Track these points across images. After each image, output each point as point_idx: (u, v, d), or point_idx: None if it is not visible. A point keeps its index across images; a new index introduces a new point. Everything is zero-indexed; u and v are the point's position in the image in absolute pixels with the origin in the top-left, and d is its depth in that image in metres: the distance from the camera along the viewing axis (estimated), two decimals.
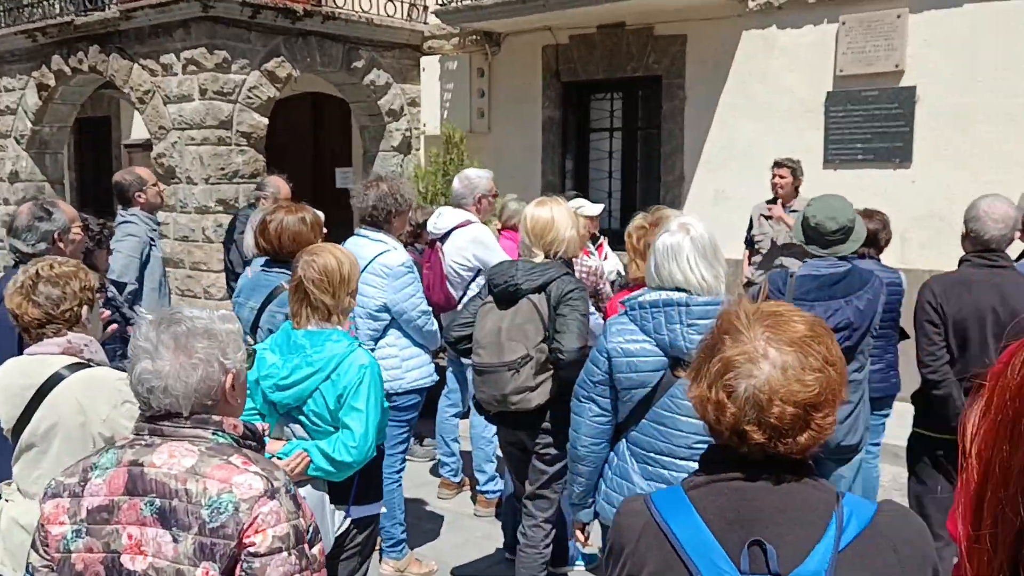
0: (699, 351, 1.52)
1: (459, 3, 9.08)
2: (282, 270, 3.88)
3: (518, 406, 3.67)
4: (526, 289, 3.71)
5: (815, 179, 7.22)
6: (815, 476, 1.43)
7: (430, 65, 10.08)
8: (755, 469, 1.42)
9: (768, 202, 7.02)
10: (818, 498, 1.40)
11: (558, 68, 9.27)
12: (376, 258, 4.36)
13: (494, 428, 5.43)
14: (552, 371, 3.70)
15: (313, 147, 11.96)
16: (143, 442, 1.82)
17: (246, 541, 1.69)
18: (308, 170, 11.45)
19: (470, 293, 5.37)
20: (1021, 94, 6.83)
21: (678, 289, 2.87)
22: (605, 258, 6.85)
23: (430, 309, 4.66)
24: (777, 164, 6.79)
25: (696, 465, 2.77)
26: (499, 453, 5.54)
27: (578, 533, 3.14)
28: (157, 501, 1.73)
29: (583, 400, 2.93)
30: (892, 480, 5.74)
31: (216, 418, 1.84)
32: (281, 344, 3.14)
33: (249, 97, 8.74)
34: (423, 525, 5.29)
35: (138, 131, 12.66)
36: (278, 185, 6.36)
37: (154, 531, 1.73)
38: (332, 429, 3.12)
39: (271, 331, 3.74)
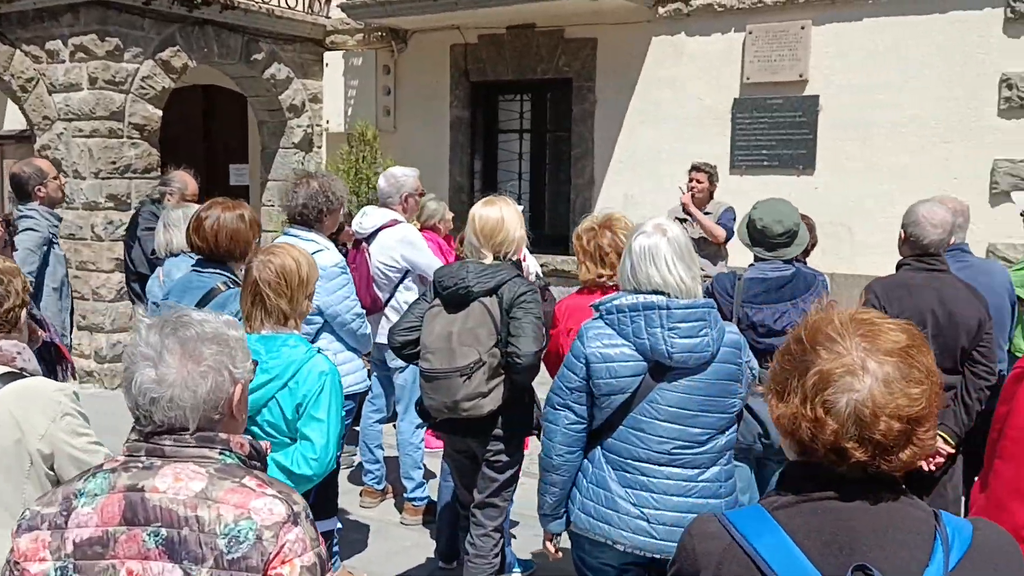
0: (781, 364, 1.43)
1: None
2: (216, 270, 3.64)
3: (470, 413, 3.56)
4: (477, 292, 3.60)
5: (721, 184, 7.34)
6: (910, 494, 1.37)
7: (333, 60, 9.80)
8: (851, 488, 1.34)
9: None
10: (917, 517, 1.34)
11: (467, 67, 9.17)
12: None
13: (422, 433, 5.31)
14: (503, 376, 3.61)
15: (204, 141, 11.45)
16: (140, 463, 1.62)
17: (272, 573, 1.53)
18: (200, 165, 10.84)
19: (398, 296, 5.23)
20: (914, 107, 7.16)
21: (655, 292, 2.82)
22: (524, 259, 6.80)
23: (364, 312, 4.49)
24: (695, 168, 6.88)
25: (676, 471, 2.77)
26: (426, 460, 5.42)
27: (548, 544, 3.04)
28: (163, 531, 1.54)
29: (558, 408, 2.85)
30: None
31: (223, 436, 1.67)
32: None
33: (142, 87, 8.28)
34: (349, 535, 5.09)
35: (11, 122, 11.82)
36: (185, 180, 6.03)
37: (160, 565, 1.54)
38: (288, 440, 2.94)
39: None
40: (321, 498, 3.02)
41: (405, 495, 5.32)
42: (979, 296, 3.76)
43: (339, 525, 3.30)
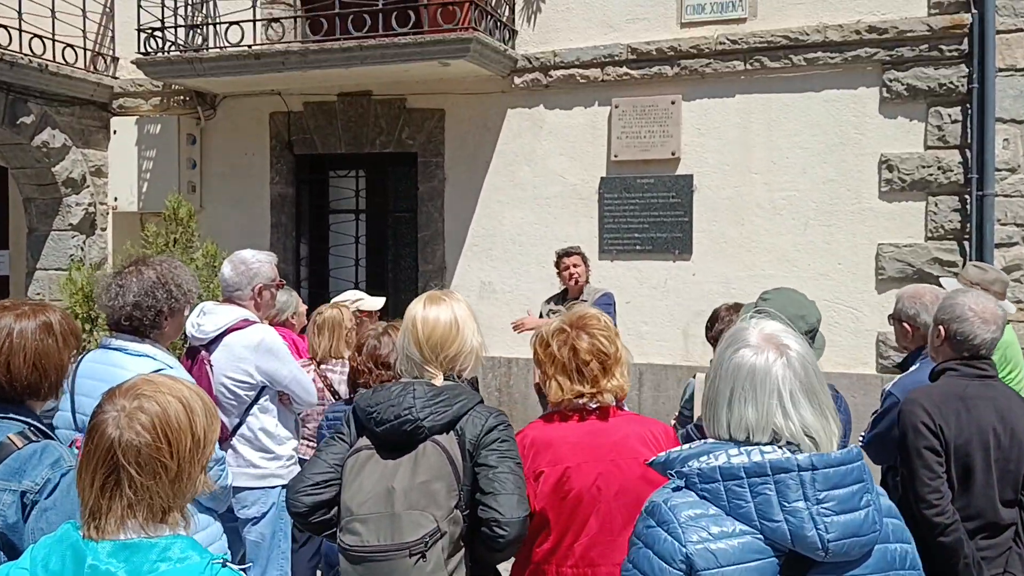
0: None
1: (167, 54, 7.49)
2: (8, 414, 2.24)
3: None
4: (429, 427, 2.45)
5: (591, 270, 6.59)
6: None
7: (123, 127, 8.24)
8: None
9: (555, 299, 6.25)
10: None
11: (290, 138, 7.95)
12: None
13: None
14: (463, 549, 2.46)
15: None
16: None
17: None
18: None
19: (251, 421, 3.91)
20: (787, 187, 6.76)
21: (770, 442, 1.81)
22: None
23: (223, 455, 3.18)
24: (567, 253, 6.07)
25: None
26: None
27: None
28: None
29: None
30: None
31: None
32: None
33: None
34: None
35: None
36: None
37: None
38: None
39: None
40: None
41: None
42: None
43: None
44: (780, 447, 1.79)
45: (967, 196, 6.25)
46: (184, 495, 1.68)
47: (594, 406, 2.71)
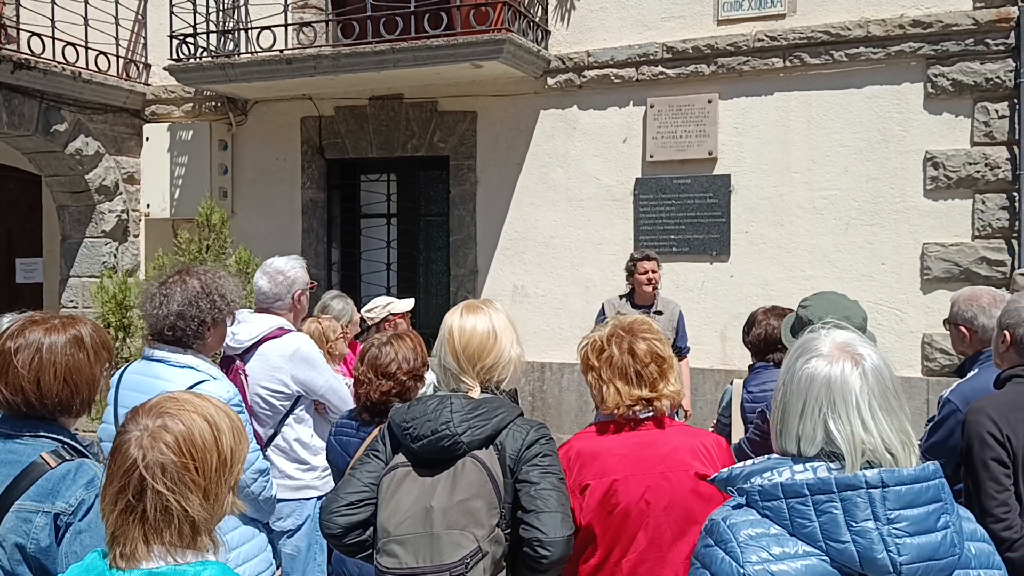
0: None
1: (199, 60, 7.47)
2: (40, 432, 2.17)
3: None
4: (468, 442, 2.36)
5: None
6: None
7: (156, 134, 8.25)
8: None
9: (624, 298, 6.11)
10: None
11: (321, 143, 7.91)
12: None
13: None
14: (505, 570, 2.36)
15: None
16: None
17: None
18: None
19: (286, 431, 3.84)
20: (828, 187, 6.59)
21: (832, 455, 1.70)
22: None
23: (268, 466, 3.11)
24: (647, 257, 5.90)
25: None
26: None
27: None
28: None
29: None
30: None
31: None
32: None
33: None
34: None
35: None
36: None
37: None
38: None
39: (22, 559, 2.03)
40: None
41: None
42: None
43: None
44: (836, 458, 1.67)
45: (1015, 193, 6.05)
46: (212, 517, 1.59)
47: (644, 416, 2.60)
